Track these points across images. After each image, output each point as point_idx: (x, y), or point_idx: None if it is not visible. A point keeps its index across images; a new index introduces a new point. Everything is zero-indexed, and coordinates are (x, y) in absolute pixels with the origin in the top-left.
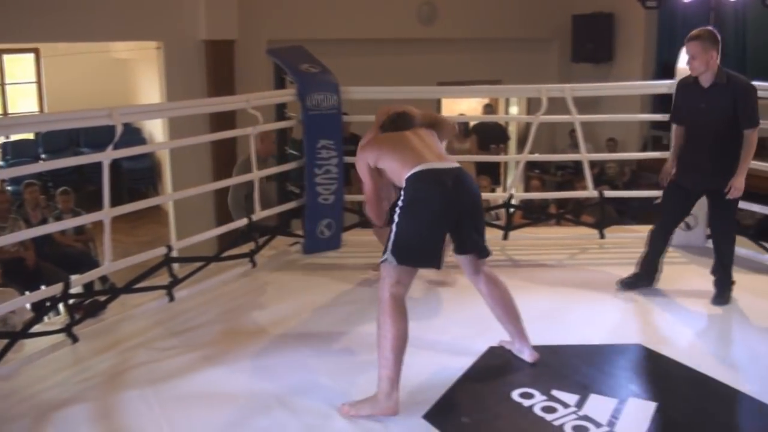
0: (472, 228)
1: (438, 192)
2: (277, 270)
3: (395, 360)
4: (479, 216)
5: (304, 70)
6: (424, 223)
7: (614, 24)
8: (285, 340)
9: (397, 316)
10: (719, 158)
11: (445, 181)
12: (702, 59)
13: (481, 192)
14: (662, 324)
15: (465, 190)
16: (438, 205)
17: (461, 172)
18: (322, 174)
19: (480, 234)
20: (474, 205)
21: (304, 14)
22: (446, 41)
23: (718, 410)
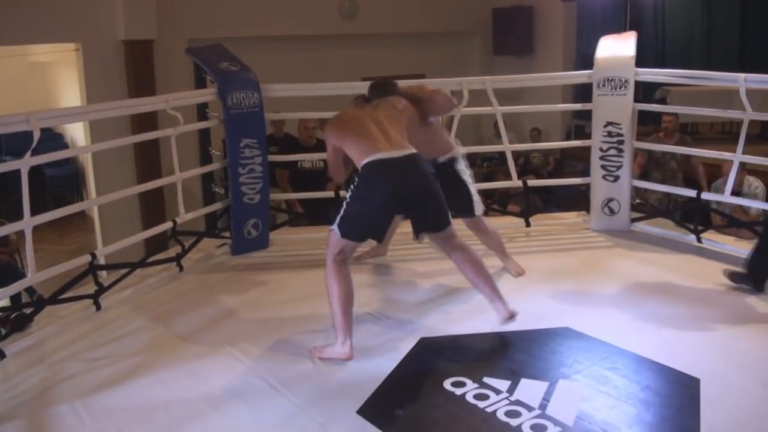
0: (427, 209)
1: (384, 184)
2: (205, 273)
3: (343, 314)
4: (432, 197)
5: (224, 69)
6: (370, 209)
7: (534, 17)
8: (214, 343)
9: (340, 278)
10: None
11: (392, 173)
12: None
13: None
14: (589, 306)
15: (413, 177)
16: (383, 196)
17: (410, 160)
18: (246, 173)
19: (437, 213)
20: (424, 189)
21: (224, 12)
22: (369, 36)
23: (646, 385)
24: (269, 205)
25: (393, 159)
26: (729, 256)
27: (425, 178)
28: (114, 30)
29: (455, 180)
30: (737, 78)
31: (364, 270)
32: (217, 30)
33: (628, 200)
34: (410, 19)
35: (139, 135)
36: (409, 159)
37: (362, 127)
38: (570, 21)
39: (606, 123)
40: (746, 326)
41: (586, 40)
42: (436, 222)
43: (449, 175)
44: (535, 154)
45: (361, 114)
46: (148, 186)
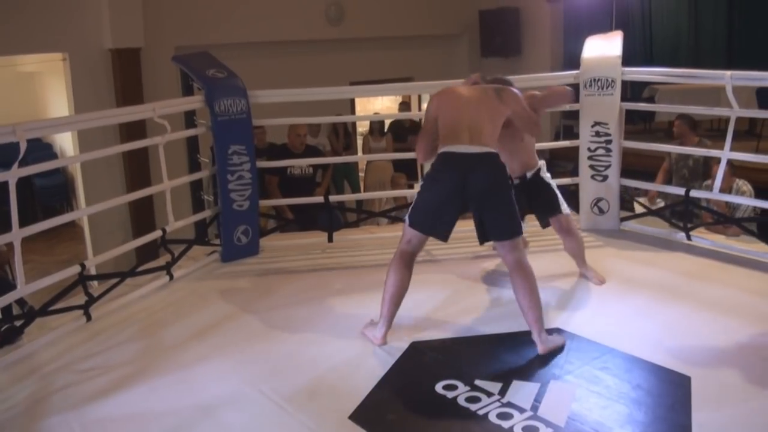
0: (490, 213)
1: (448, 178)
2: (195, 281)
3: (389, 302)
4: (497, 201)
5: (211, 76)
6: (434, 201)
7: (521, 18)
8: (206, 351)
9: (400, 267)
10: None
11: (459, 168)
12: None
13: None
14: (580, 306)
15: (480, 177)
16: (446, 190)
17: (484, 159)
18: (235, 180)
19: (500, 219)
20: (489, 191)
21: (211, 19)
22: (356, 40)
23: (638, 385)
24: (259, 212)
25: (466, 154)
26: (719, 253)
27: (493, 180)
28: (101, 39)
29: (542, 187)
30: (723, 75)
31: (355, 274)
32: (204, 37)
33: (617, 199)
34: (397, 22)
35: (126, 144)
36: (483, 158)
37: (459, 110)
38: (557, 22)
39: (593, 123)
40: (737, 323)
41: (573, 40)
42: (498, 229)
43: (536, 185)
44: None
45: (467, 96)
46: (137, 195)
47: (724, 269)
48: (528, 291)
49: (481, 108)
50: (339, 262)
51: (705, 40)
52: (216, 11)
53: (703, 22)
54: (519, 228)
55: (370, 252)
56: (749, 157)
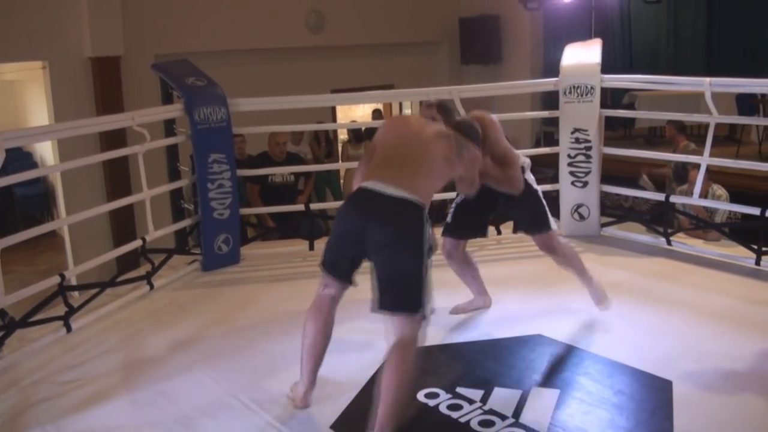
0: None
1: (349, 218)
2: (176, 290)
3: (304, 356)
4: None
5: (191, 84)
6: (335, 239)
7: (501, 26)
8: (186, 362)
9: (313, 315)
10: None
11: (363, 209)
12: None
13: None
14: (561, 312)
15: (376, 229)
16: (345, 230)
17: (391, 207)
18: (216, 189)
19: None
20: (379, 249)
21: (191, 27)
22: (337, 48)
23: (620, 390)
24: (240, 220)
25: (378, 194)
26: (699, 257)
27: (394, 237)
28: (81, 47)
29: (530, 197)
30: (702, 82)
31: None
32: (184, 45)
33: (598, 205)
34: (377, 29)
35: (106, 153)
36: (395, 205)
37: (402, 143)
38: (536, 29)
39: (573, 129)
40: (717, 327)
41: (553, 48)
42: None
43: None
44: None
45: (419, 131)
46: (116, 204)
47: (705, 274)
48: (394, 382)
49: (432, 151)
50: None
51: (684, 47)
52: (196, 19)
53: (683, 30)
54: (415, 304)
55: None
56: (729, 163)
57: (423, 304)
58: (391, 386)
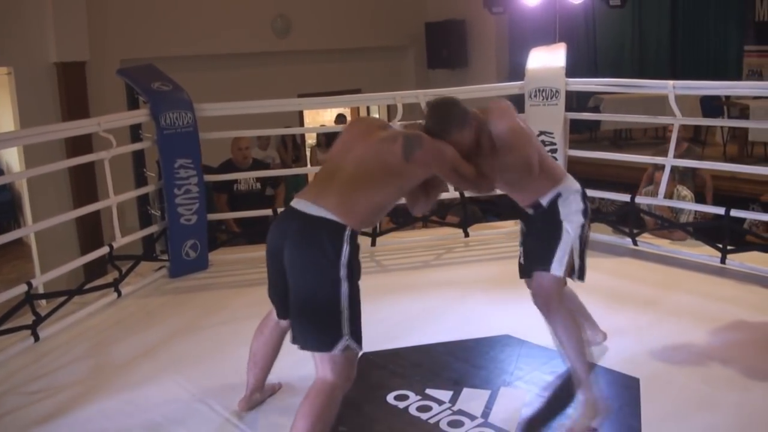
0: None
1: (270, 241)
2: (143, 297)
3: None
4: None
5: (156, 89)
6: (267, 263)
7: (467, 30)
8: (155, 369)
9: (256, 330)
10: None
11: (280, 232)
12: None
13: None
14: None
15: (289, 254)
16: (269, 254)
17: (306, 228)
18: (182, 194)
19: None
20: (293, 278)
21: (157, 32)
22: (304, 53)
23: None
24: (207, 226)
25: (296, 213)
26: (665, 257)
27: (305, 264)
28: (46, 53)
29: (550, 224)
30: (666, 85)
31: None
32: (150, 50)
33: None
34: (344, 34)
35: (72, 159)
36: (311, 225)
37: (340, 153)
38: (502, 33)
39: (539, 132)
40: (683, 325)
41: (519, 52)
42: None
43: (546, 219)
44: None
45: (363, 138)
46: (83, 211)
47: (670, 273)
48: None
49: (366, 159)
50: None
51: (649, 50)
52: (162, 24)
53: (647, 34)
54: (327, 340)
55: None
56: (693, 164)
57: (339, 338)
58: (301, 426)
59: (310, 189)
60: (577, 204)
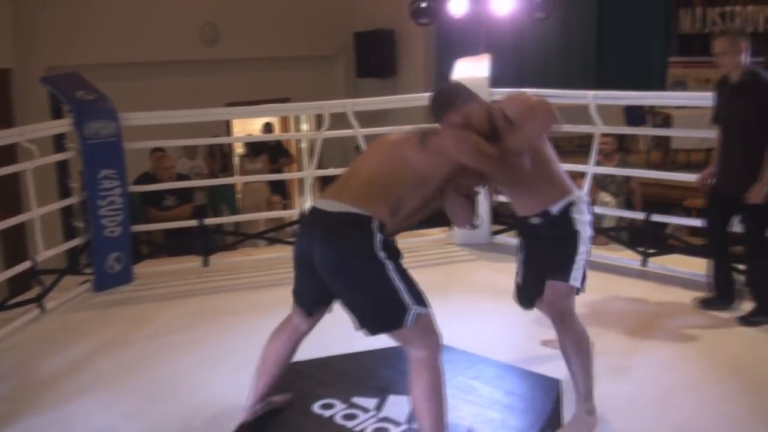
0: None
1: (298, 243)
2: (68, 312)
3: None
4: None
5: (80, 98)
6: (294, 265)
7: (396, 40)
8: (80, 386)
9: (271, 336)
10: (746, 162)
11: (307, 232)
12: (731, 55)
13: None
14: (453, 318)
15: (319, 252)
16: (297, 257)
17: (330, 225)
18: (106, 206)
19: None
20: (328, 273)
21: (83, 39)
22: (232, 61)
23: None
24: (131, 237)
25: (319, 212)
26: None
27: (337, 257)
28: None
29: (564, 235)
30: (586, 95)
31: (233, 298)
32: (75, 57)
33: (489, 214)
34: (273, 43)
35: None
36: (334, 221)
37: (363, 158)
38: (430, 44)
39: None
40: (606, 327)
41: (446, 61)
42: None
43: (559, 228)
44: None
45: (386, 143)
46: (6, 224)
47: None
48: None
49: (386, 156)
50: (216, 286)
51: (575, 61)
52: (88, 31)
53: (573, 45)
54: (395, 319)
55: (247, 275)
56: (614, 171)
57: (406, 311)
58: (424, 407)
59: (331, 189)
60: (587, 215)
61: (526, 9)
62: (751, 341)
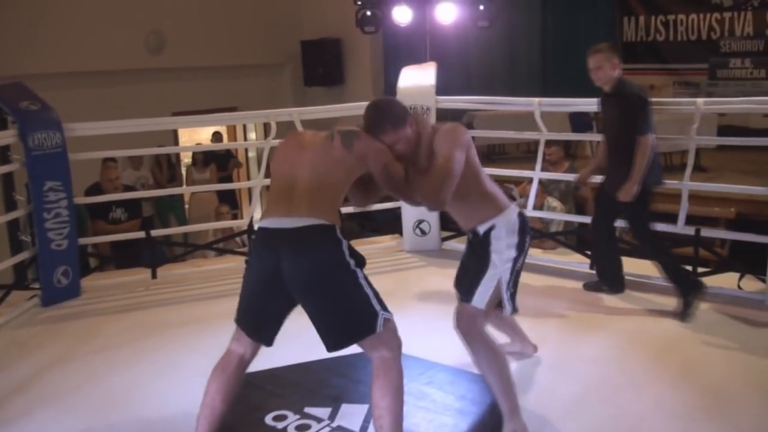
0: (314, 316)
1: (259, 265)
2: (15, 329)
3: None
4: (317, 299)
5: (24, 109)
6: (249, 293)
7: (342, 48)
8: (28, 404)
9: (213, 374)
10: (619, 163)
11: (269, 252)
12: (603, 70)
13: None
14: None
15: (291, 267)
16: (258, 279)
17: (297, 239)
18: (52, 218)
19: (326, 322)
20: (303, 287)
21: (26, 48)
22: (178, 70)
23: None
24: (78, 251)
25: (278, 231)
26: (536, 265)
27: (314, 267)
28: None
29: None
30: (532, 102)
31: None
32: (20, 67)
33: (438, 220)
34: (219, 51)
35: None
36: (300, 235)
37: (288, 166)
38: (377, 52)
39: None
40: (557, 329)
41: (393, 69)
42: (327, 333)
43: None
44: None
45: (304, 146)
46: None
47: (543, 280)
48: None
49: (316, 162)
50: (164, 298)
51: (520, 69)
52: (32, 41)
53: (518, 53)
54: (370, 324)
55: (195, 286)
56: (561, 176)
57: (377, 316)
58: (386, 403)
59: (277, 206)
60: (510, 238)
61: (470, 18)
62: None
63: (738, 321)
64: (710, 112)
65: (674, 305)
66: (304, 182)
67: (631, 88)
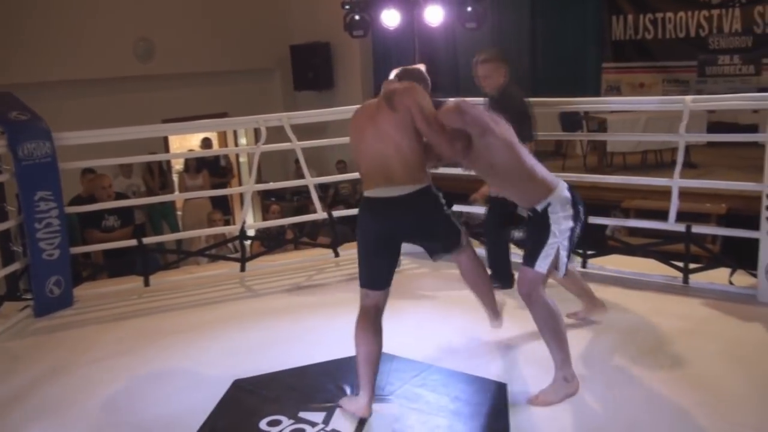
0: (427, 239)
1: (371, 230)
2: (8, 340)
3: (362, 370)
4: (429, 227)
5: (13, 119)
6: (363, 253)
7: (332, 52)
8: (24, 417)
9: (360, 327)
10: None
11: (379, 217)
12: (491, 78)
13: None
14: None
15: (401, 227)
16: (372, 241)
17: (404, 205)
18: (44, 228)
19: (438, 239)
20: (416, 225)
21: (15, 58)
22: (168, 77)
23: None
24: (70, 260)
25: (384, 200)
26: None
27: (422, 219)
28: None
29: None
30: None
31: (176, 316)
32: (8, 77)
33: None
34: (209, 57)
35: None
36: (404, 202)
37: (361, 140)
38: (366, 55)
39: None
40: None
41: (383, 72)
42: (438, 249)
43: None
44: (344, 184)
45: (365, 119)
46: None
47: None
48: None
49: (380, 131)
50: (158, 305)
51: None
52: (20, 50)
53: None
54: (461, 240)
55: (189, 293)
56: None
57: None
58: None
59: (377, 178)
60: (566, 211)
61: (458, 20)
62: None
63: (730, 316)
64: (699, 109)
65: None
66: (389, 154)
67: (518, 96)
